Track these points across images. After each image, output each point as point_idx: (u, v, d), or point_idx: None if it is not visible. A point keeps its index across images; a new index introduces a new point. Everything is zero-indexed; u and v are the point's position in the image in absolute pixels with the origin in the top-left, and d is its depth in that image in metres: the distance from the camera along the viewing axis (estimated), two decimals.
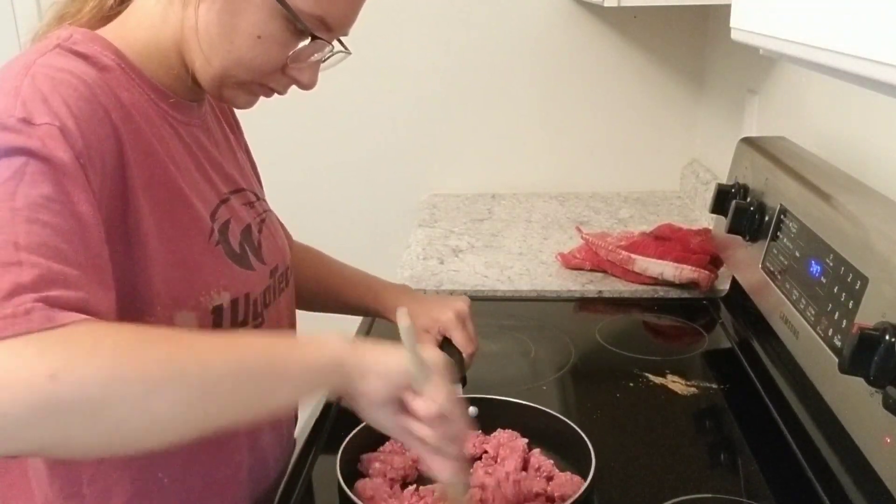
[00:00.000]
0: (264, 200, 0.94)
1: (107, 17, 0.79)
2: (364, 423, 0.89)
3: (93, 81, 0.68)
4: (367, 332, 1.22)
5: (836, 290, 0.81)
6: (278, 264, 0.88)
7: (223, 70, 0.76)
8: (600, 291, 1.36)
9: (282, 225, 1.01)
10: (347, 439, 0.88)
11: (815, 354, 0.84)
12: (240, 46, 0.74)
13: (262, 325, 0.83)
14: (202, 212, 0.77)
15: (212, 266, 0.76)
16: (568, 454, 0.87)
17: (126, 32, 0.76)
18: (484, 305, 1.32)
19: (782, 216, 1.00)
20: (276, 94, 0.82)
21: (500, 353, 1.17)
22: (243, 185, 0.88)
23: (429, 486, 0.82)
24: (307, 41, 0.76)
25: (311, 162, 1.99)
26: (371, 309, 1.07)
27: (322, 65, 0.81)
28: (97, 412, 0.53)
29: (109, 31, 0.76)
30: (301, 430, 0.99)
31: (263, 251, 0.85)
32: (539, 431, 0.91)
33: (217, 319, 0.75)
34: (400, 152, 1.97)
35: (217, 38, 0.74)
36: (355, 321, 1.24)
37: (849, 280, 0.79)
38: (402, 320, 0.67)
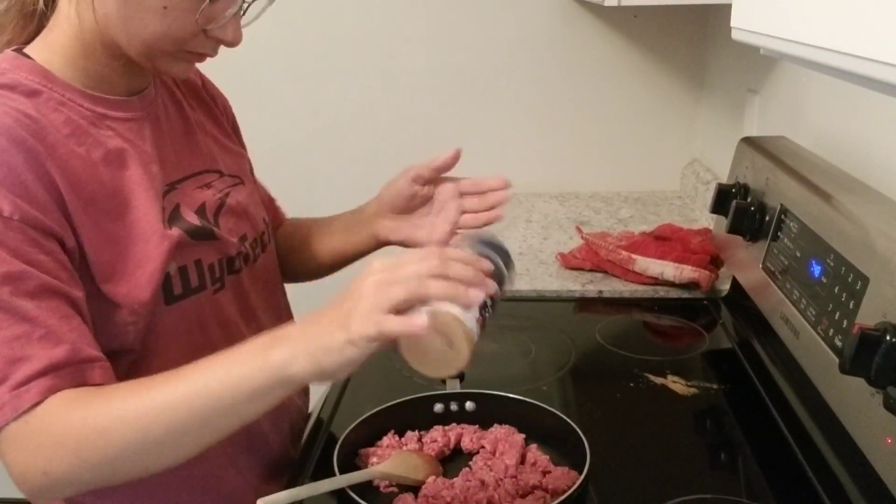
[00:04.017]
0: (229, 175, 0.95)
1: (36, 25, 0.81)
2: (361, 419, 0.90)
3: (16, 121, 0.72)
4: None
5: (836, 290, 0.81)
6: (246, 233, 0.92)
7: (146, 46, 0.78)
8: (600, 291, 1.36)
9: (272, 199, 1.09)
10: (345, 433, 0.88)
11: (816, 354, 0.84)
12: (151, 21, 0.76)
13: (222, 289, 0.87)
14: (151, 203, 0.80)
15: (159, 247, 0.79)
16: (564, 449, 0.88)
17: (51, 43, 0.79)
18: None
19: (783, 216, 1.00)
20: (210, 57, 0.83)
21: (500, 353, 1.17)
22: (199, 169, 0.91)
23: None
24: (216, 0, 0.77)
25: (310, 163, 1.99)
26: (367, 242, 1.04)
27: (244, 17, 0.81)
28: (85, 484, 0.71)
29: (37, 48, 0.79)
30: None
31: (222, 223, 0.88)
32: (536, 427, 0.91)
33: (167, 285, 0.80)
34: (399, 152, 1.96)
35: (127, 20, 0.76)
36: None
37: (849, 280, 0.79)
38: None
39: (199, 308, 0.84)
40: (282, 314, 1.03)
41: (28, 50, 0.79)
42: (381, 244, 1.03)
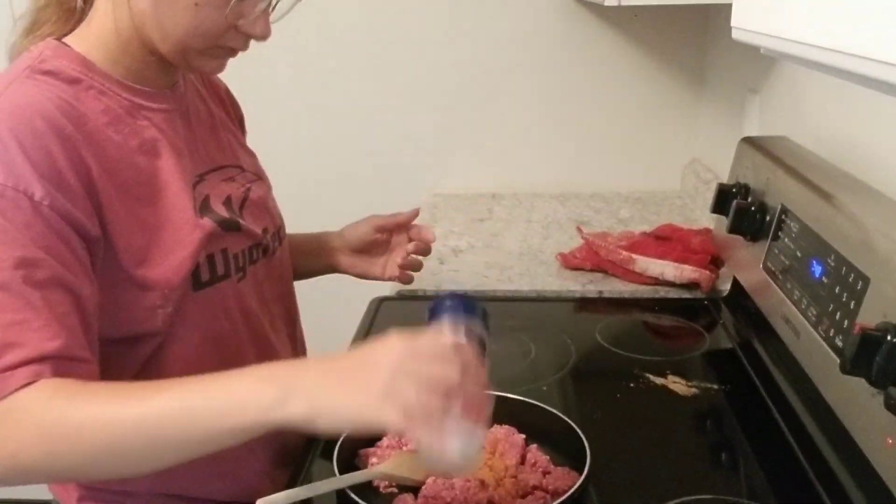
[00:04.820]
0: (250, 172, 1.00)
1: (77, 20, 0.84)
2: None
3: (57, 107, 0.74)
4: (374, 312, 1.24)
5: (837, 290, 0.81)
6: (267, 226, 0.97)
7: (179, 43, 0.80)
8: (601, 291, 1.36)
9: None
10: (345, 434, 0.88)
11: (817, 355, 0.84)
12: (183, 18, 0.78)
13: (244, 278, 0.91)
14: (183, 192, 0.84)
15: (191, 235, 0.83)
16: (564, 450, 0.87)
17: (90, 35, 0.82)
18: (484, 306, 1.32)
19: (783, 216, 1.00)
20: (243, 51, 0.87)
21: (500, 354, 1.17)
22: (223, 163, 0.95)
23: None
24: None
25: (311, 163, 1.99)
26: (325, 269, 1.18)
27: (274, 13, 0.85)
28: (51, 477, 0.74)
29: (77, 38, 0.82)
30: None
31: (246, 215, 0.93)
32: (536, 427, 0.91)
33: (195, 272, 0.83)
34: (400, 152, 1.97)
35: (161, 17, 0.79)
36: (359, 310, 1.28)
37: (850, 280, 0.79)
38: None
39: (223, 295, 0.87)
40: (291, 306, 1.07)
41: (68, 40, 0.82)
42: (336, 272, 1.18)
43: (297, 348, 1.07)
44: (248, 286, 0.92)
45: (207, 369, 0.72)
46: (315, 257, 1.16)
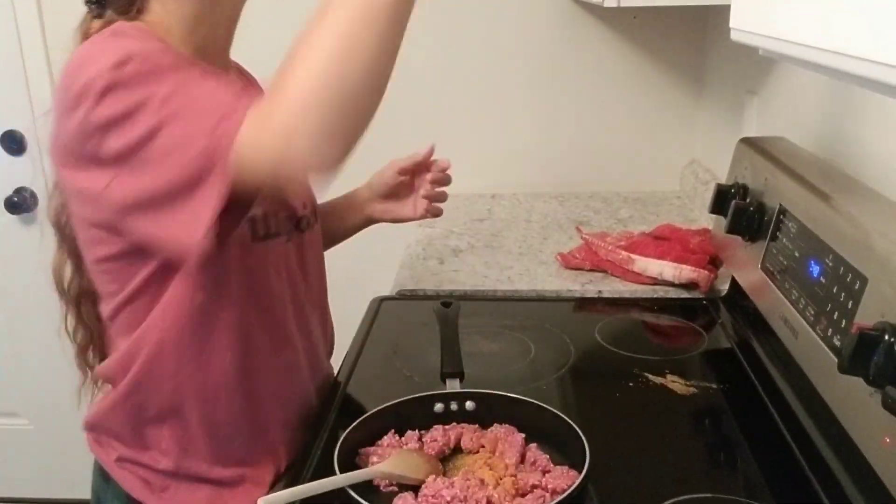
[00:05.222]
0: None
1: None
2: (362, 418, 0.91)
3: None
4: (375, 312, 1.25)
5: (835, 290, 0.82)
6: (306, 202, 1.03)
7: None
8: (600, 291, 1.36)
9: None
10: (346, 433, 0.88)
11: (815, 354, 0.85)
12: None
13: (290, 241, 0.98)
14: None
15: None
16: (564, 449, 0.88)
17: (154, 23, 0.88)
18: (484, 305, 1.32)
19: (781, 216, 1.00)
20: None
21: (500, 353, 1.17)
22: None
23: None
24: None
25: None
26: (360, 224, 1.28)
27: None
28: (336, 128, 0.80)
29: (150, 23, 0.88)
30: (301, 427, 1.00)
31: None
32: (535, 427, 0.91)
33: (254, 226, 0.91)
34: (399, 152, 1.97)
35: None
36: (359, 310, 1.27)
37: (848, 280, 0.79)
38: None
39: (275, 253, 0.95)
40: (324, 283, 1.11)
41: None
42: (372, 223, 1.28)
43: (327, 330, 1.11)
44: (293, 249, 0.99)
45: (250, 318, 0.89)
46: (350, 213, 1.25)
